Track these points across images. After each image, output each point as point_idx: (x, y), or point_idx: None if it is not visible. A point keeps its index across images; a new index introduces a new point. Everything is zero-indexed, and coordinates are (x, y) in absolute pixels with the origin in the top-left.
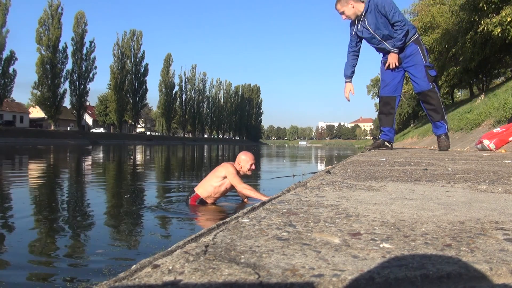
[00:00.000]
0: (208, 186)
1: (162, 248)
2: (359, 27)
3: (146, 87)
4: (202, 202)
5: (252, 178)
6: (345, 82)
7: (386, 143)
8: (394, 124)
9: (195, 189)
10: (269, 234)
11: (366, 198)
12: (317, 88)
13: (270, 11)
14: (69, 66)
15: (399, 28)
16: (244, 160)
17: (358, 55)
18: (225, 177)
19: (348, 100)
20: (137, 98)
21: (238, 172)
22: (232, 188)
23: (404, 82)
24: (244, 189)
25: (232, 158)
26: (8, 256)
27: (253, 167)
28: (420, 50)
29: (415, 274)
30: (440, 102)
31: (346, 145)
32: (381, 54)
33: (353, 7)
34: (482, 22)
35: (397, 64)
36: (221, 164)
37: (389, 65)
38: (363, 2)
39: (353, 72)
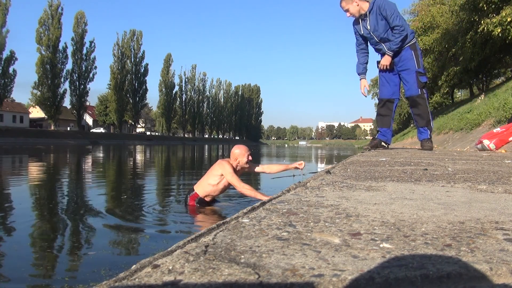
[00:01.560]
0: (206, 185)
1: (162, 248)
2: (360, 26)
3: (146, 87)
4: (201, 201)
5: (252, 178)
6: (360, 79)
7: (383, 143)
8: (392, 125)
9: (195, 187)
10: (269, 234)
11: (366, 198)
12: (317, 88)
13: (270, 11)
14: (69, 66)
15: (397, 32)
16: (239, 153)
17: (367, 52)
18: (222, 175)
19: (365, 96)
20: (137, 98)
21: (235, 169)
22: (230, 184)
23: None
24: (244, 189)
25: None
26: (7, 256)
27: (250, 158)
28: (414, 55)
29: (415, 274)
30: (427, 109)
31: (346, 145)
32: (380, 55)
33: (358, 5)
34: (482, 22)
35: (388, 68)
36: (217, 162)
37: (382, 66)
38: (368, 1)
39: (365, 69)
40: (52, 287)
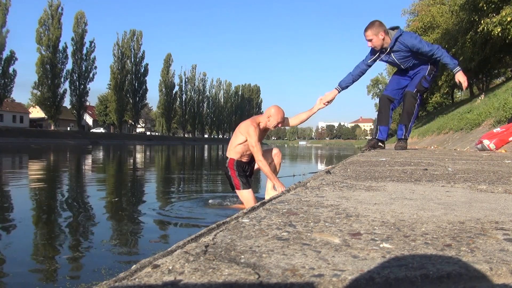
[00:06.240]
0: (236, 146)
1: (162, 248)
2: (383, 57)
3: (146, 87)
4: (239, 163)
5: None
6: (335, 88)
7: (380, 144)
8: (390, 123)
9: (227, 154)
10: (269, 234)
11: (366, 198)
12: (317, 88)
13: (270, 11)
14: (69, 66)
15: (438, 55)
16: (275, 114)
17: (368, 68)
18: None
19: (325, 105)
20: (137, 98)
21: (260, 127)
22: (261, 138)
23: None
24: (260, 162)
25: None
26: (8, 257)
27: (279, 125)
28: (429, 68)
29: (415, 274)
30: (413, 110)
31: (346, 145)
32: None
33: (383, 39)
34: (482, 22)
35: (465, 82)
36: (244, 123)
37: (464, 83)
38: (390, 38)
39: (347, 87)
40: (53, 286)
